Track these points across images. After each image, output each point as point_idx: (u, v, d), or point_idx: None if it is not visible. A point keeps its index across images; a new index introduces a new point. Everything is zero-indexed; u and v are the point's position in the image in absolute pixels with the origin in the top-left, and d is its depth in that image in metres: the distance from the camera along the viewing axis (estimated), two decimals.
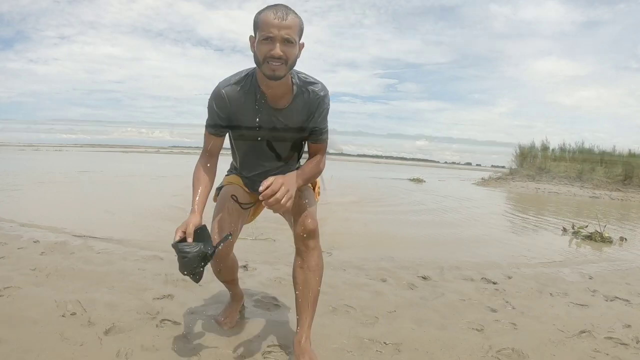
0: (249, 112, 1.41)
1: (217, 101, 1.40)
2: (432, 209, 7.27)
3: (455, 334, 1.97)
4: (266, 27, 1.23)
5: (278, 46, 1.23)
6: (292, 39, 1.25)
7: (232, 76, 1.43)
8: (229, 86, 1.40)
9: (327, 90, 1.45)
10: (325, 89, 1.44)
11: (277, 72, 1.26)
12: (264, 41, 1.25)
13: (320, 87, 1.43)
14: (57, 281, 2.36)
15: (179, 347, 1.67)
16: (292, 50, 1.27)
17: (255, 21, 1.28)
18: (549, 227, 5.93)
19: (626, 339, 2.00)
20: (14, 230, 3.72)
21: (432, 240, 4.44)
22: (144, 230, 4.08)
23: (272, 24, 1.22)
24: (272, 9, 1.24)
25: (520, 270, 3.29)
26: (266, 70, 1.27)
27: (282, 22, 1.22)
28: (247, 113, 1.41)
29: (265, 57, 1.25)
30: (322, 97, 1.43)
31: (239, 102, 1.39)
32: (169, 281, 2.48)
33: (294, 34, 1.26)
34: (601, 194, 14.00)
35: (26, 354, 1.53)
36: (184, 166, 19.40)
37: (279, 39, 1.23)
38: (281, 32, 1.22)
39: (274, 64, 1.25)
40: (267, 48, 1.24)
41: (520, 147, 18.73)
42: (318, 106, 1.43)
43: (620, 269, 3.57)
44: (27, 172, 11.09)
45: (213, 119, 1.43)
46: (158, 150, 67.65)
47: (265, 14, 1.25)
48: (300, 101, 1.42)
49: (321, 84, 1.44)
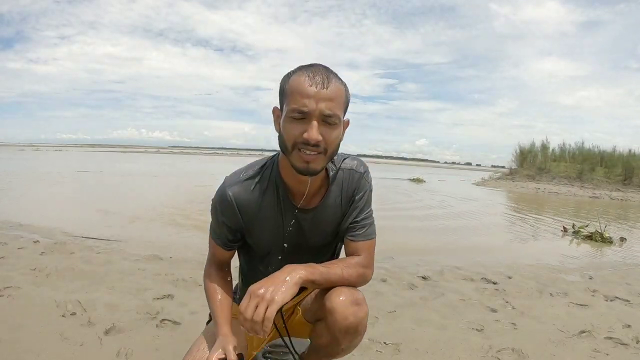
0: (269, 219, 1.01)
1: (222, 206, 1.00)
2: (432, 209, 7.28)
3: (455, 334, 1.96)
4: (298, 98, 0.84)
5: (315, 127, 0.84)
6: (334, 116, 0.86)
7: (243, 169, 1.03)
8: (237, 185, 0.99)
9: (367, 167, 1.09)
10: (364, 165, 1.08)
11: (313, 164, 0.87)
12: (294, 118, 0.86)
13: (357, 162, 1.07)
14: (57, 281, 2.36)
15: (179, 347, 1.67)
16: (333, 133, 0.88)
17: (283, 87, 0.89)
18: (549, 227, 5.94)
19: (626, 339, 2.00)
20: (14, 230, 3.72)
21: (432, 240, 4.45)
22: (144, 230, 4.08)
23: (307, 94, 0.84)
24: (306, 71, 0.86)
25: (520, 270, 3.29)
26: (297, 161, 0.88)
27: (321, 90, 0.84)
28: (266, 222, 1.01)
29: (295, 141, 0.86)
30: (362, 174, 1.05)
31: (253, 207, 0.99)
32: (169, 281, 2.48)
33: (338, 108, 0.87)
34: (601, 194, 14.01)
35: (26, 354, 1.53)
36: (184, 166, 19.42)
37: (316, 115, 0.84)
38: (320, 105, 0.84)
39: (309, 154, 0.86)
40: (298, 129, 0.85)
41: (520, 147, 18.78)
42: (359, 187, 1.04)
43: (620, 269, 3.57)
44: (27, 172, 11.10)
45: (220, 228, 1.03)
46: (158, 150, 67.63)
47: (297, 78, 0.86)
48: (337, 188, 1.03)
49: (358, 159, 1.08)
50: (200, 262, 2.91)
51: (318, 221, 1.03)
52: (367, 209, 1.06)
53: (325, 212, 1.03)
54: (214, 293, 1.05)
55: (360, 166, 1.06)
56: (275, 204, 1.00)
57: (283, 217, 1.01)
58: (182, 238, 3.79)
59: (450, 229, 5.28)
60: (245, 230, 1.02)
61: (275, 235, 1.03)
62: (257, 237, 1.04)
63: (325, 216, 1.03)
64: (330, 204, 1.03)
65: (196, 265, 2.84)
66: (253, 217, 1.00)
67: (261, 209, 1.00)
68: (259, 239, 1.04)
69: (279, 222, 1.01)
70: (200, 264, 2.99)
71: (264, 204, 1.00)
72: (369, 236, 1.04)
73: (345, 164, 1.05)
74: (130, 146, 67.29)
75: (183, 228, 4.27)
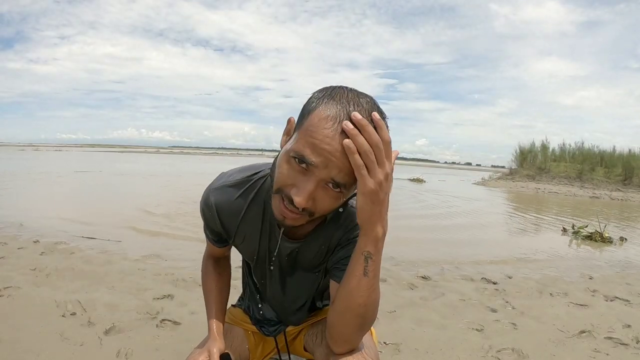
0: (251, 238, 0.89)
1: (204, 209, 0.89)
2: (432, 209, 7.27)
3: (455, 334, 1.97)
4: (310, 142, 0.62)
5: (308, 191, 0.64)
6: (344, 186, 0.65)
7: (233, 171, 0.90)
8: (220, 190, 0.86)
9: None
10: None
11: (289, 221, 0.70)
12: (295, 161, 0.64)
13: None
14: (57, 281, 2.36)
15: (179, 347, 1.67)
16: (331, 201, 0.68)
17: (307, 109, 0.66)
18: (549, 227, 5.94)
19: (626, 339, 2.00)
20: (14, 230, 3.72)
21: (432, 240, 4.45)
22: (144, 230, 4.08)
23: (323, 150, 0.62)
24: (338, 109, 0.63)
25: (520, 270, 3.29)
26: (275, 207, 0.71)
27: (344, 152, 0.62)
28: (248, 238, 0.89)
29: (281, 187, 0.68)
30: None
31: (234, 218, 0.86)
32: (169, 281, 2.48)
33: (355, 178, 0.64)
34: (601, 194, 14.01)
35: (26, 354, 1.53)
36: (184, 166, 19.42)
37: (321, 176, 0.64)
38: (331, 170, 0.63)
39: (289, 211, 0.68)
40: (292, 178, 0.66)
41: (520, 147, 18.79)
42: (353, 227, 0.81)
43: (620, 269, 3.57)
44: (27, 172, 11.10)
45: (206, 227, 0.94)
46: (158, 150, 67.62)
47: (324, 112, 0.63)
48: (333, 225, 0.84)
49: None
50: (200, 263, 2.91)
51: (308, 250, 0.87)
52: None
53: (317, 242, 0.85)
54: (207, 291, 0.99)
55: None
56: (259, 224, 0.86)
57: (268, 241, 0.87)
58: (182, 238, 3.79)
59: (450, 228, 5.27)
60: (227, 237, 0.91)
61: (259, 254, 0.90)
62: (241, 247, 0.92)
63: (316, 246, 0.86)
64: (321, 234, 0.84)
65: (196, 265, 2.83)
66: (234, 228, 0.88)
67: (244, 222, 0.86)
68: (243, 250, 0.93)
69: (263, 245, 0.88)
70: (200, 265, 3.00)
71: (247, 218, 0.86)
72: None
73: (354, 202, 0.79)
74: (130, 146, 67.29)
75: (183, 228, 4.27)
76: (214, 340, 0.89)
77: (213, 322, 0.93)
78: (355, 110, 0.63)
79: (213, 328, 0.92)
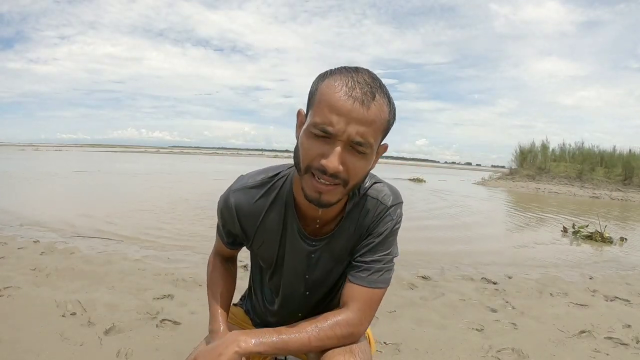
0: (271, 240, 0.87)
1: (223, 210, 0.87)
2: (432, 209, 7.27)
3: (455, 334, 1.96)
4: (326, 112, 0.66)
5: (337, 153, 0.66)
6: (366, 144, 0.67)
7: (254, 173, 0.88)
8: (241, 191, 0.85)
9: (400, 199, 0.87)
10: (397, 197, 0.87)
11: (326, 196, 0.71)
12: (315, 135, 0.68)
13: (389, 191, 0.86)
14: (57, 281, 2.36)
15: (179, 347, 1.67)
16: (360, 163, 0.69)
17: (313, 89, 0.71)
18: (549, 227, 5.94)
19: (626, 339, 2.00)
20: (14, 230, 3.72)
21: (432, 240, 4.44)
22: (144, 229, 4.08)
23: (338, 110, 0.65)
24: (346, 78, 0.67)
25: (520, 270, 3.29)
26: (308, 187, 0.71)
27: (358, 110, 0.65)
28: (268, 241, 0.88)
29: (310, 164, 0.69)
30: (388, 208, 0.84)
31: (254, 220, 0.85)
32: (169, 281, 2.48)
33: (374, 135, 0.68)
34: (601, 194, 14.01)
35: (26, 354, 1.53)
36: (183, 166, 19.42)
37: (342, 140, 0.66)
38: (350, 128, 0.65)
39: (323, 182, 0.69)
40: (317, 150, 0.68)
41: (520, 147, 18.78)
42: (379, 222, 0.84)
43: (620, 269, 3.57)
44: (27, 172, 11.10)
45: (222, 228, 0.92)
46: (158, 150, 67.65)
47: (331, 84, 0.67)
48: (352, 220, 0.85)
49: (389, 188, 0.87)
50: (200, 263, 2.91)
51: (329, 254, 0.86)
52: (383, 252, 0.83)
53: (339, 244, 0.85)
54: (212, 285, 0.95)
55: (389, 198, 0.85)
56: (280, 225, 0.85)
57: (286, 242, 0.86)
58: (183, 237, 3.79)
59: (450, 228, 5.27)
60: (245, 239, 0.90)
61: (278, 257, 0.88)
62: (258, 250, 0.90)
63: (338, 248, 0.86)
64: (344, 234, 0.85)
65: (196, 266, 2.84)
66: (253, 230, 0.87)
67: (263, 224, 0.85)
68: (260, 253, 0.91)
69: (282, 248, 0.87)
70: (200, 264, 2.99)
71: (267, 221, 0.85)
72: (373, 284, 0.81)
73: (373, 191, 0.85)
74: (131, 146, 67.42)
75: (183, 227, 4.27)
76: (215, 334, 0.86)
77: (214, 316, 0.89)
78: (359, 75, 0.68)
79: (215, 323, 0.88)
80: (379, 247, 0.83)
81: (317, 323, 0.78)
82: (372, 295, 0.81)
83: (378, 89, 0.68)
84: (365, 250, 0.83)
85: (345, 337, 0.79)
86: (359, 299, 0.80)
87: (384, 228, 0.83)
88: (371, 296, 0.81)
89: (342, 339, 0.79)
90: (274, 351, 0.75)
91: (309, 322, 0.78)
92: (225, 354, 0.71)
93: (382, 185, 0.87)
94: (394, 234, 0.86)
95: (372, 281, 0.81)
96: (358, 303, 0.80)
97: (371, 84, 0.68)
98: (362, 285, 0.81)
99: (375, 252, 0.83)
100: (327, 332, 0.77)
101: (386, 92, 0.70)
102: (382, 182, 0.88)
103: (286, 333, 0.76)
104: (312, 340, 0.76)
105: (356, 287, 0.81)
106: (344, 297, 0.82)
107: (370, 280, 0.81)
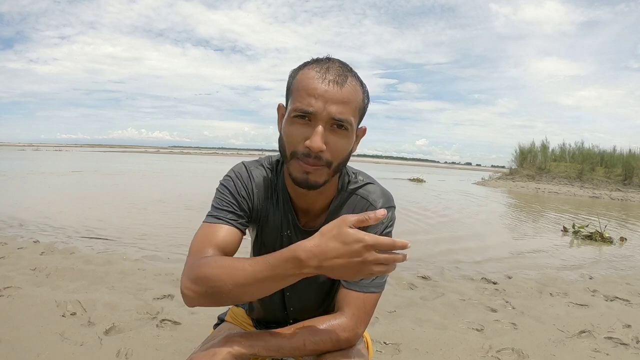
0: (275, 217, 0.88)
1: (238, 175, 0.86)
2: (432, 209, 7.27)
3: (455, 334, 1.96)
4: (304, 96, 0.71)
5: (319, 133, 0.71)
6: (345, 121, 0.72)
7: (261, 159, 0.92)
8: (256, 165, 0.88)
9: (392, 202, 0.87)
10: (388, 200, 0.87)
11: (313, 176, 0.74)
12: (297, 119, 0.72)
13: (380, 194, 0.86)
14: (57, 281, 2.36)
15: (179, 347, 1.67)
16: (342, 142, 0.74)
17: (290, 81, 0.77)
18: (549, 227, 5.94)
19: (626, 339, 2.00)
20: (14, 230, 3.72)
21: (432, 240, 4.44)
22: (144, 229, 4.08)
23: (315, 92, 0.71)
24: (318, 65, 0.74)
25: (520, 270, 3.29)
26: (295, 170, 0.75)
27: (333, 90, 0.71)
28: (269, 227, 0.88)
29: (295, 149, 0.74)
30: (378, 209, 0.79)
31: (264, 190, 0.87)
32: (169, 281, 2.48)
33: (350, 113, 0.73)
34: (601, 194, 14.01)
35: (26, 354, 1.53)
36: (183, 165, 19.42)
37: (322, 119, 0.71)
38: (329, 107, 0.70)
39: (308, 164, 0.73)
40: (300, 133, 0.72)
41: (520, 147, 18.79)
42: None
43: (620, 269, 3.57)
44: (27, 172, 11.10)
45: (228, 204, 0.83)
46: (158, 150, 67.62)
47: (306, 72, 0.74)
48: (342, 211, 0.86)
49: (381, 190, 0.87)
50: None
51: None
52: None
53: None
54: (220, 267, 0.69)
55: (379, 200, 0.85)
56: (279, 214, 0.87)
57: (287, 231, 0.87)
58: (182, 237, 3.79)
59: (450, 228, 5.28)
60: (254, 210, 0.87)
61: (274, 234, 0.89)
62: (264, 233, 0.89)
63: None
64: None
65: None
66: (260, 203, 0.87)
67: (271, 204, 0.87)
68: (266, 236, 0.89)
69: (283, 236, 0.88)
70: None
71: (272, 204, 0.87)
72: (366, 288, 0.80)
73: (364, 191, 0.86)
74: (130, 146, 67.37)
75: (183, 227, 4.27)
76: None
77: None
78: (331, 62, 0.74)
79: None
80: None
81: (312, 327, 0.77)
82: (366, 299, 0.81)
83: (349, 72, 0.75)
84: None
85: (340, 341, 0.79)
86: (353, 304, 0.81)
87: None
88: (365, 301, 0.81)
89: (338, 343, 0.78)
90: (267, 353, 0.74)
91: (304, 326, 0.78)
92: (218, 354, 0.69)
93: (374, 186, 0.88)
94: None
95: (365, 286, 0.81)
96: (352, 308, 0.80)
97: (342, 68, 0.74)
98: (355, 290, 0.81)
99: None
100: (322, 337, 0.77)
101: (357, 77, 0.76)
102: (376, 184, 0.89)
103: (281, 336, 0.75)
104: (307, 344, 0.76)
105: (350, 292, 0.81)
106: (339, 302, 0.83)
107: (362, 285, 0.81)
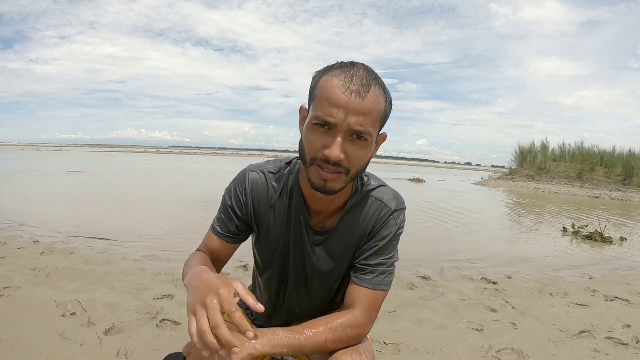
0: (275, 229, 0.90)
1: (237, 187, 0.89)
2: (432, 209, 7.27)
3: (455, 334, 1.96)
4: (326, 105, 0.71)
5: (339, 144, 0.71)
6: (365, 133, 0.72)
7: (269, 162, 0.93)
8: (258, 172, 0.89)
9: (404, 205, 0.90)
10: (401, 203, 0.89)
11: (331, 184, 0.75)
12: (317, 127, 0.73)
13: (393, 196, 0.89)
14: (57, 281, 2.36)
15: (179, 347, 1.67)
16: (361, 152, 0.75)
17: (313, 85, 0.77)
18: (549, 227, 5.94)
19: (626, 339, 2.00)
20: (14, 230, 3.72)
21: (432, 240, 4.44)
22: (144, 230, 4.08)
23: (337, 102, 0.70)
24: (343, 73, 0.72)
25: (520, 270, 3.29)
26: (314, 176, 0.76)
27: (355, 101, 0.70)
28: (272, 229, 0.90)
29: (315, 156, 0.74)
30: (392, 212, 0.87)
31: (264, 199, 0.89)
32: (169, 281, 2.48)
33: (372, 124, 0.73)
34: (601, 194, 14.01)
35: (26, 354, 1.53)
36: (183, 165, 19.42)
37: (343, 130, 0.71)
38: (350, 119, 0.70)
39: (327, 172, 0.74)
40: (320, 141, 0.73)
41: (520, 148, 18.78)
42: (382, 226, 0.87)
43: (620, 269, 3.57)
44: (27, 172, 11.10)
45: (226, 214, 0.91)
46: (158, 151, 67.67)
47: (329, 80, 0.73)
48: (355, 217, 0.88)
49: (394, 193, 0.90)
50: None
51: (330, 249, 0.89)
52: (386, 255, 0.86)
53: (340, 239, 0.88)
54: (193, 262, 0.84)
55: (393, 202, 0.87)
56: (287, 214, 0.88)
57: (293, 233, 0.88)
58: (182, 237, 3.79)
59: (450, 229, 5.27)
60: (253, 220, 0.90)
61: (279, 249, 0.90)
62: (262, 240, 0.92)
63: (339, 244, 0.88)
64: (347, 229, 0.87)
65: None
66: (262, 212, 0.89)
67: (273, 209, 0.88)
68: (264, 243, 0.92)
69: (286, 238, 0.89)
70: None
71: (277, 207, 0.88)
72: (377, 286, 0.84)
73: (378, 192, 0.88)
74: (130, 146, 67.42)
75: (183, 227, 4.27)
76: (217, 280, 0.73)
77: (198, 269, 0.78)
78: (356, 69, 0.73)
79: (207, 273, 0.76)
80: (383, 250, 0.86)
81: (329, 324, 0.79)
82: (376, 297, 0.84)
83: (373, 81, 0.73)
84: (370, 253, 0.86)
85: (354, 338, 0.81)
86: (364, 301, 0.83)
87: (387, 232, 0.86)
88: (375, 298, 0.84)
89: (351, 339, 0.81)
90: (289, 353, 0.75)
91: (321, 323, 0.79)
92: (239, 354, 0.67)
93: (387, 189, 0.90)
94: (397, 239, 0.88)
95: (377, 283, 0.84)
96: (364, 305, 0.83)
97: (367, 76, 0.73)
98: (367, 287, 0.84)
99: (380, 256, 0.86)
100: (340, 334, 0.79)
101: (381, 84, 0.75)
102: (388, 186, 0.91)
103: (301, 334, 0.76)
104: (328, 341, 0.77)
105: (362, 289, 0.84)
106: (349, 298, 0.85)
107: (374, 282, 0.84)
